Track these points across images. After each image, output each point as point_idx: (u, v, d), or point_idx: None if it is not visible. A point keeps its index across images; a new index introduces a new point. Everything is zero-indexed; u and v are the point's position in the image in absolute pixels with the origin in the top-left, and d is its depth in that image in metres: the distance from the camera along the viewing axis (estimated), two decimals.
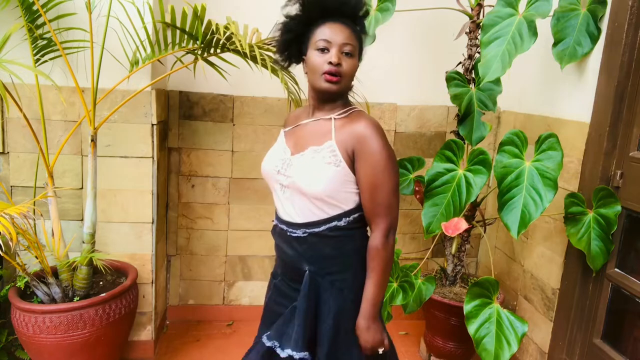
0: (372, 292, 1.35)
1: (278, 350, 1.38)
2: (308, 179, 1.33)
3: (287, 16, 1.42)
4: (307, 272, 1.38)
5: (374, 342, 1.37)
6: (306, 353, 1.35)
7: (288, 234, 1.40)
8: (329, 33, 1.35)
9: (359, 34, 1.41)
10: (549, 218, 2.28)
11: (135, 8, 2.04)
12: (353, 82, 1.43)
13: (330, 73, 1.33)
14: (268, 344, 1.42)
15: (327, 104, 1.42)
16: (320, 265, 1.39)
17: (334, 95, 1.39)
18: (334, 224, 1.36)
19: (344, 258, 1.40)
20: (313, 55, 1.36)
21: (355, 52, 1.38)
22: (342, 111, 1.41)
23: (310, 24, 1.39)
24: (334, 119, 1.40)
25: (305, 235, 1.38)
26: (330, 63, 1.33)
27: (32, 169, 2.25)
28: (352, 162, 1.34)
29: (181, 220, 2.77)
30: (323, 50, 1.34)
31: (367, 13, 1.46)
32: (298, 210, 1.38)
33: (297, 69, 1.97)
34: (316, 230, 1.36)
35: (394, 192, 1.35)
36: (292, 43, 1.43)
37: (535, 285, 2.41)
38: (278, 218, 1.46)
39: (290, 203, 1.39)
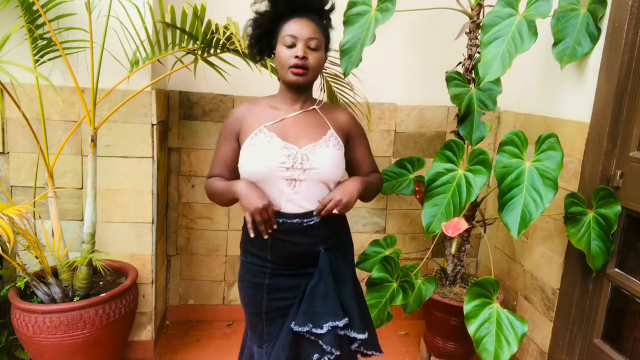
0: (370, 181, 1.61)
1: (315, 330, 1.45)
2: (331, 165, 1.48)
3: (256, 12, 1.51)
4: (322, 251, 1.51)
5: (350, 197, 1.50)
6: (346, 318, 1.47)
7: (304, 224, 1.49)
8: (296, 28, 1.44)
9: (325, 28, 1.51)
10: (549, 218, 2.28)
11: (135, 8, 2.04)
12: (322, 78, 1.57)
13: (296, 66, 1.44)
14: (301, 329, 1.46)
15: (301, 96, 1.54)
16: (332, 242, 1.55)
17: (301, 86, 1.50)
18: None
19: (343, 231, 1.64)
20: (281, 50, 1.46)
21: (321, 46, 1.48)
22: (316, 103, 1.58)
23: (279, 20, 1.48)
24: (317, 108, 1.56)
25: (320, 220, 1.49)
26: (296, 57, 1.43)
27: (32, 169, 2.25)
28: (345, 144, 1.57)
29: (181, 220, 2.77)
30: (290, 45, 1.44)
31: (332, 7, 1.54)
32: (311, 199, 1.48)
33: None
34: None
35: None
36: (263, 38, 1.51)
37: (535, 285, 2.41)
38: (284, 215, 1.47)
39: (303, 197, 1.48)
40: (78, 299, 2.05)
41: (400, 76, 2.79)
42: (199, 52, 2.10)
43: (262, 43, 1.53)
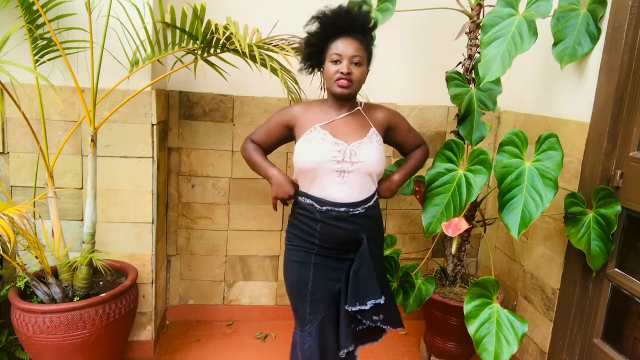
0: (410, 167, 1.97)
1: (361, 307, 1.72)
2: (376, 159, 1.73)
3: (308, 32, 1.73)
4: (364, 239, 1.75)
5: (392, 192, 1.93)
6: (383, 297, 1.75)
7: (350, 213, 1.72)
8: (341, 47, 1.66)
9: (367, 45, 1.72)
10: (549, 218, 2.28)
11: (135, 8, 2.04)
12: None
13: (341, 79, 1.66)
14: (355, 308, 1.72)
15: (347, 103, 1.77)
16: (372, 232, 1.79)
17: (346, 97, 1.73)
18: (374, 197, 1.81)
19: (380, 224, 1.88)
20: (328, 66, 1.69)
21: (364, 61, 1.70)
22: (360, 106, 1.81)
23: (327, 39, 1.70)
24: (362, 110, 1.80)
25: (363, 210, 1.74)
26: (341, 72, 1.66)
27: (32, 169, 2.25)
28: (384, 137, 1.84)
29: (181, 220, 2.77)
30: (336, 62, 1.67)
31: (375, 26, 1.76)
32: (358, 190, 1.72)
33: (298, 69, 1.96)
34: (370, 204, 1.76)
35: None
36: (313, 55, 1.74)
37: (535, 285, 2.40)
38: (333, 203, 1.71)
39: (350, 186, 1.71)
40: (78, 299, 2.05)
41: (400, 76, 2.79)
42: (199, 52, 2.10)
43: (312, 59, 1.75)
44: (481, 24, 2.00)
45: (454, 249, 2.44)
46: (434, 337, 2.50)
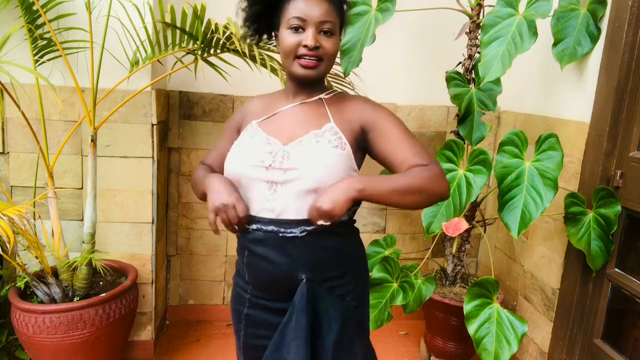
0: (393, 178, 1.11)
1: None
2: (315, 166, 1.13)
3: None
4: (304, 280, 1.16)
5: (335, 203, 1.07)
6: None
7: (280, 235, 1.15)
8: (304, 8, 1.14)
9: (340, 5, 1.21)
10: (549, 218, 2.28)
11: (135, 8, 2.04)
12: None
13: (306, 57, 1.16)
14: None
15: (306, 89, 1.25)
16: (318, 271, 1.18)
17: (312, 80, 1.21)
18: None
19: (344, 260, 1.23)
20: (285, 35, 1.17)
21: (336, 29, 1.18)
22: (328, 92, 1.26)
23: None
24: (324, 99, 1.24)
25: (303, 234, 1.15)
26: (305, 46, 1.15)
27: (32, 169, 2.25)
28: (358, 142, 1.21)
29: (181, 220, 2.77)
30: (297, 29, 1.15)
31: None
32: (295, 206, 1.14)
33: None
34: (317, 224, 1.10)
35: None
36: (262, 16, 1.22)
37: (535, 285, 2.41)
38: (260, 220, 1.18)
39: (284, 200, 1.15)
40: (78, 299, 2.05)
41: (400, 76, 2.79)
42: (199, 52, 2.10)
43: (260, 21, 1.23)
44: (481, 24, 2.00)
45: (454, 249, 2.44)
46: (434, 337, 2.50)
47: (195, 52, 2.10)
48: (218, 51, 2.12)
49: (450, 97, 2.21)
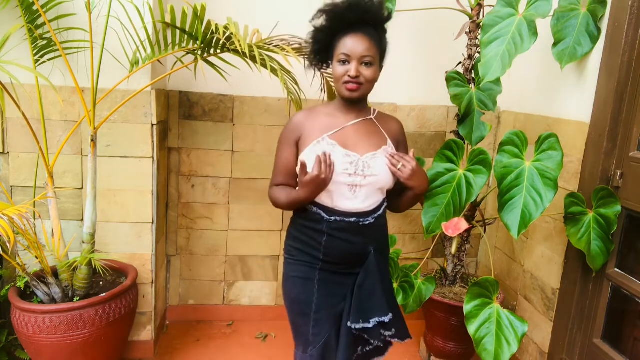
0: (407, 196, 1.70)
1: (364, 325, 1.55)
2: (388, 173, 1.57)
3: (314, 27, 1.57)
4: (372, 251, 1.60)
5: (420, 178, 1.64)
6: (390, 314, 1.58)
7: (360, 223, 1.57)
8: (350, 46, 1.49)
9: (380, 41, 1.54)
10: (549, 218, 2.28)
11: (135, 8, 2.04)
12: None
13: (350, 83, 1.51)
14: (358, 326, 1.55)
15: (356, 107, 1.62)
16: (379, 243, 1.65)
17: (355, 100, 1.57)
18: (383, 205, 1.66)
19: (386, 234, 1.73)
20: (336, 66, 1.53)
21: (375, 61, 1.53)
22: (372, 113, 1.66)
23: (335, 35, 1.53)
24: (374, 119, 1.65)
25: (373, 220, 1.59)
26: (348, 75, 1.50)
27: (32, 169, 2.25)
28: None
29: (181, 220, 2.77)
30: (344, 62, 1.51)
31: (389, 17, 1.57)
32: (370, 201, 1.58)
33: (298, 69, 1.96)
34: (379, 213, 1.62)
35: None
36: (321, 51, 1.59)
37: (535, 285, 2.41)
38: (342, 213, 1.56)
39: (363, 198, 1.56)
40: (78, 299, 2.05)
41: (400, 76, 2.79)
42: (199, 52, 2.10)
43: (320, 56, 1.60)
44: (481, 24, 2.00)
45: (454, 249, 2.44)
46: (434, 337, 2.50)
47: (195, 52, 2.10)
48: (218, 51, 2.12)
49: (450, 97, 2.21)
